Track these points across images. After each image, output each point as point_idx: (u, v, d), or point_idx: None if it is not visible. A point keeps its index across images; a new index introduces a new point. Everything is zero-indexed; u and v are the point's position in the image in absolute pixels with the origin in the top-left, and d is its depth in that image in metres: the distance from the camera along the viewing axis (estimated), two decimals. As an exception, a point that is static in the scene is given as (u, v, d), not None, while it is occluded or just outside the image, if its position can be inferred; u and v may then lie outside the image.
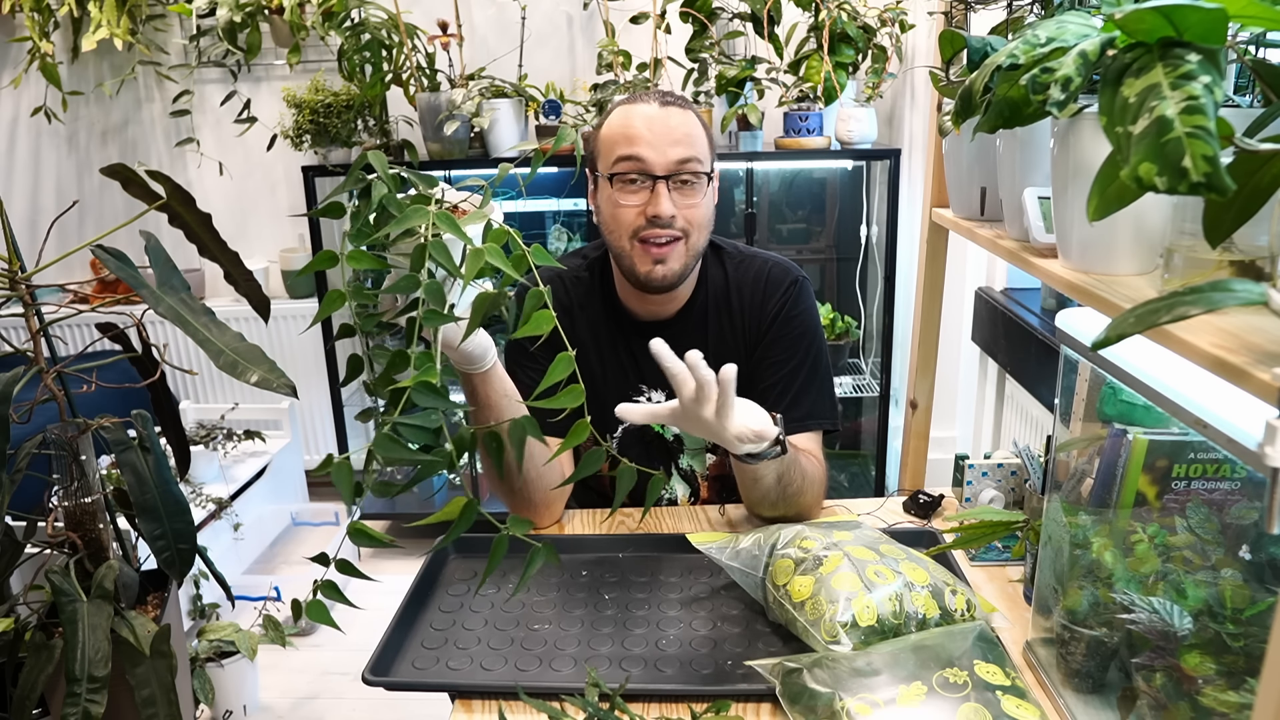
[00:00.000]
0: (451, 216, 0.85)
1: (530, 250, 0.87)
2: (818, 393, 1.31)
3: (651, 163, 1.20)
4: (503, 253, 0.85)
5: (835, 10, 2.24)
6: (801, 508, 1.24)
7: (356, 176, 0.89)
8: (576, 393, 0.85)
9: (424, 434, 0.80)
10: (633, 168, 1.20)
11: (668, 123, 1.21)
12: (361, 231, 0.87)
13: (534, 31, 2.63)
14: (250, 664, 2.01)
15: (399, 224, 0.85)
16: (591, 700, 0.87)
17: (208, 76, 2.80)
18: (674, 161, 1.20)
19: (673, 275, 1.24)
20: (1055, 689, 0.91)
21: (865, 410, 2.83)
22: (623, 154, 1.21)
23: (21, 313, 1.01)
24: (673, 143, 1.20)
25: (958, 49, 0.97)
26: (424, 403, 0.79)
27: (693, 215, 1.23)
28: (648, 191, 1.21)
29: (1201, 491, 0.76)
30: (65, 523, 1.07)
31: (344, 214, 0.89)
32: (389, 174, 0.88)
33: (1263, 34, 0.73)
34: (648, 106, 1.22)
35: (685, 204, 1.22)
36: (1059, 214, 0.87)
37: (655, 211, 1.20)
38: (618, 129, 1.22)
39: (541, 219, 2.79)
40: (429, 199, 0.88)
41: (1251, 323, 0.61)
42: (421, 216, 0.84)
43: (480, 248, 0.84)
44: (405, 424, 0.79)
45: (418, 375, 0.79)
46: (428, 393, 0.79)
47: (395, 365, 0.82)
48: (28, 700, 0.99)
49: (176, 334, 2.81)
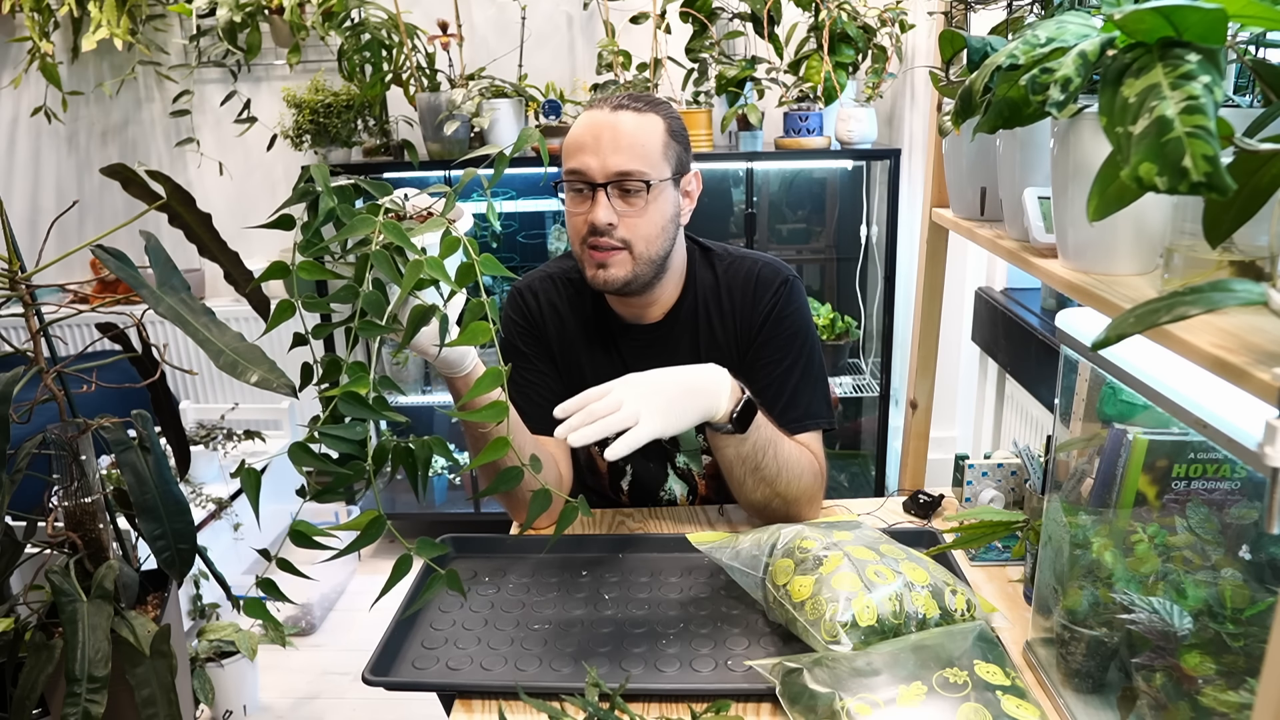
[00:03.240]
0: (398, 226, 0.84)
1: (480, 260, 0.86)
2: (812, 392, 1.31)
3: (592, 171, 1.19)
4: (441, 264, 0.85)
5: (835, 10, 2.24)
6: (787, 497, 1.22)
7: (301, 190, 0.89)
8: (499, 409, 0.86)
9: (346, 444, 0.80)
10: (576, 177, 1.20)
11: (616, 130, 1.19)
12: (310, 242, 0.87)
13: (534, 31, 2.63)
14: (250, 664, 2.01)
15: (345, 233, 0.85)
16: (591, 700, 0.87)
17: (208, 76, 2.80)
18: (614, 171, 1.19)
19: (616, 281, 1.23)
20: (1055, 689, 0.91)
21: (865, 410, 2.83)
22: (570, 164, 1.21)
23: (21, 313, 1.01)
24: (615, 151, 1.18)
25: (958, 49, 0.97)
26: (349, 413, 0.79)
27: (636, 225, 1.21)
28: (590, 200, 1.21)
29: (1201, 491, 0.76)
30: (65, 523, 1.07)
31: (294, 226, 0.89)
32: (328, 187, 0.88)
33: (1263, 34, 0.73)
34: (601, 113, 1.21)
35: (628, 211, 1.21)
36: (1059, 214, 0.87)
37: (591, 219, 1.20)
38: (572, 137, 1.22)
39: (541, 219, 2.79)
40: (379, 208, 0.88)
41: (1251, 323, 0.61)
42: (368, 226, 0.84)
43: (419, 259, 0.83)
44: (328, 434, 0.79)
45: (346, 385, 0.79)
46: (354, 403, 0.79)
47: (330, 374, 0.82)
48: (28, 700, 0.99)
49: (176, 334, 2.81)
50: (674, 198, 1.25)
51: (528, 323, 1.36)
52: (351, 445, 0.80)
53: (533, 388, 1.32)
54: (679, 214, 1.27)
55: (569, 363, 1.36)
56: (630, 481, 1.41)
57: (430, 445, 0.86)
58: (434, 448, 0.87)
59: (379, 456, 0.82)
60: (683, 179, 1.26)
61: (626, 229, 1.21)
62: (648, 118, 1.22)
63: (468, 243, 0.87)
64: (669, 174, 1.23)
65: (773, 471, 1.19)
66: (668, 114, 1.24)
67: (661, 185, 1.21)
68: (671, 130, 1.24)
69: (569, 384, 1.36)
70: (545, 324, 1.35)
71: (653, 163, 1.20)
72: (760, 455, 1.17)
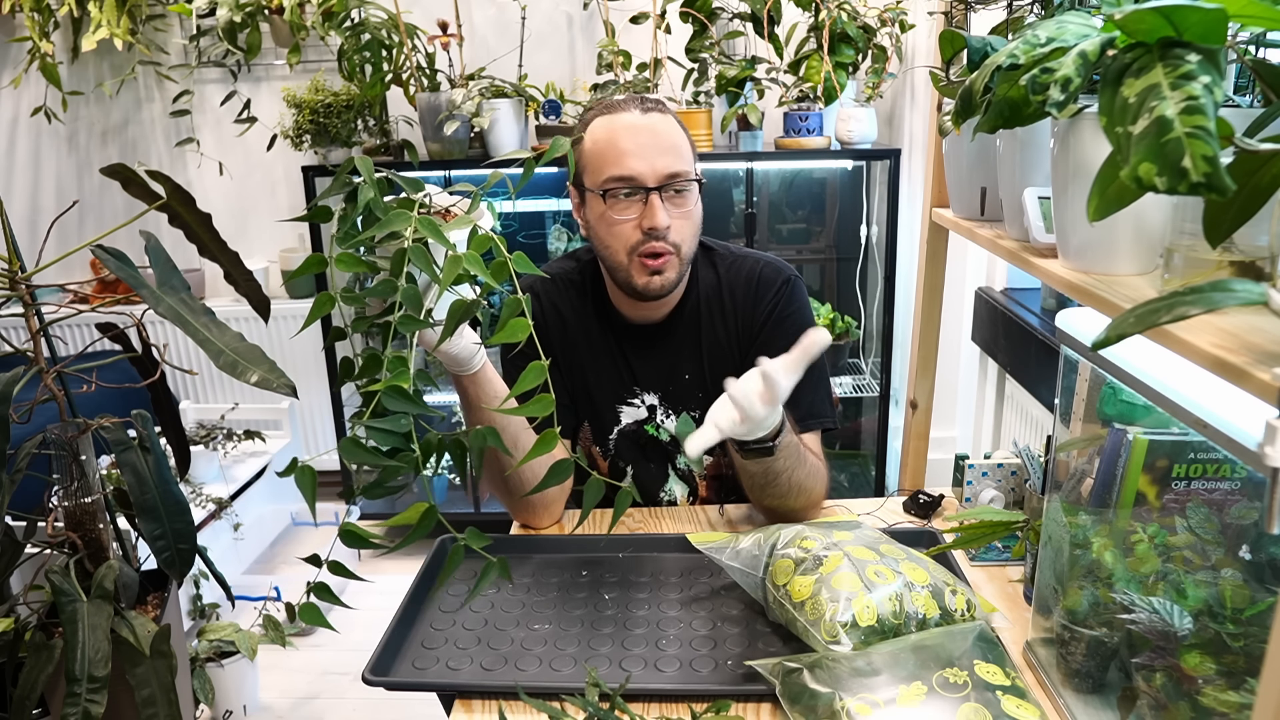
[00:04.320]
0: (434, 221, 0.85)
1: (513, 258, 0.86)
2: (814, 392, 1.31)
3: (643, 176, 1.19)
4: (480, 260, 0.84)
5: (835, 10, 2.24)
6: (797, 507, 1.23)
7: (343, 180, 0.89)
8: (546, 402, 0.84)
9: (392, 438, 0.80)
10: (626, 183, 1.20)
11: (655, 132, 1.20)
12: (349, 235, 0.88)
13: (534, 31, 2.63)
14: (250, 664, 2.01)
15: (382, 227, 0.85)
16: (591, 700, 0.87)
17: (208, 76, 2.80)
18: (664, 174, 1.19)
19: (669, 285, 1.24)
20: (1055, 689, 0.91)
21: (865, 410, 2.83)
22: (614, 171, 1.20)
23: (21, 313, 1.01)
24: (661, 153, 1.19)
25: (958, 49, 0.97)
26: (394, 407, 0.79)
27: (684, 226, 1.22)
28: (641, 204, 1.20)
29: (1201, 491, 0.76)
30: (65, 523, 1.06)
31: (331, 217, 0.90)
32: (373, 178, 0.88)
33: (1263, 34, 0.73)
34: (631, 116, 1.21)
35: (678, 213, 1.21)
36: (1059, 214, 0.87)
37: (652, 224, 1.19)
38: (604, 143, 1.21)
39: (541, 219, 2.79)
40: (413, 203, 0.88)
41: (1251, 323, 0.61)
42: (404, 221, 0.84)
43: (459, 254, 0.83)
44: (374, 427, 0.79)
45: (390, 379, 0.80)
46: (398, 397, 0.79)
47: (369, 369, 0.82)
48: (28, 700, 0.99)
49: (176, 334, 2.81)
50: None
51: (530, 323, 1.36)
52: (397, 439, 0.80)
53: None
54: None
55: (572, 363, 1.36)
56: (631, 482, 1.41)
57: (484, 435, 0.86)
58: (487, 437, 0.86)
59: (427, 449, 0.82)
60: None
61: (676, 231, 1.22)
62: (671, 119, 1.24)
63: (497, 240, 0.87)
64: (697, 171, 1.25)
65: (785, 488, 1.20)
66: (674, 114, 1.26)
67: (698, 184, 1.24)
68: (685, 128, 1.26)
69: (572, 385, 1.36)
70: (548, 325, 1.35)
71: (690, 162, 1.23)
72: (777, 475, 1.18)
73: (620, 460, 1.39)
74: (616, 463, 1.40)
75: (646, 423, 1.37)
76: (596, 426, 1.38)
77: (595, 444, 1.39)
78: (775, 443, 1.12)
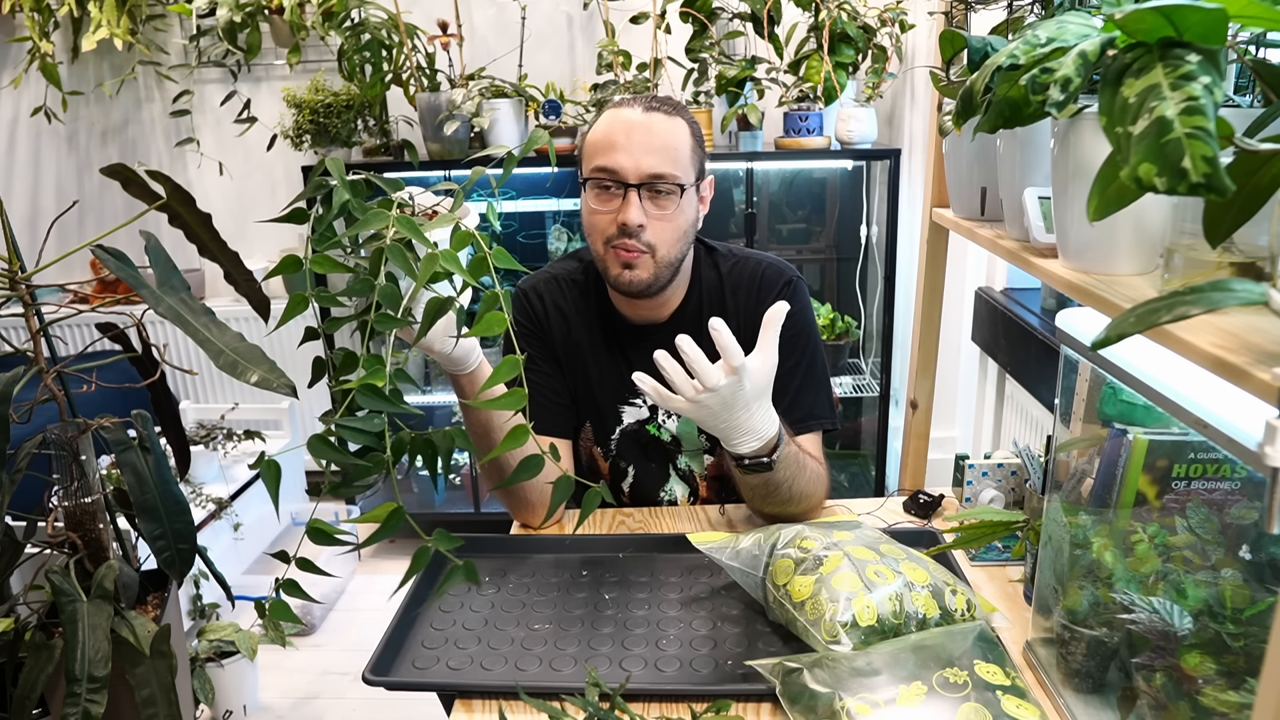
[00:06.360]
0: (412, 220, 0.85)
1: (493, 253, 0.86)
2: (815, 393, 1.31)
3: (625, 171, 1.19)
4: (457, 258, 0.85)
5: (835, 10, 2.24)
6: (811, 507, 1.24)
7: (317, 183, 0.89)
8: (519, 396, 0.84)
9: (364, 436, 0.80)
10: (607, 175, 1.20)
11: (649, 131, 1.20)
12: (324, 236, 0.88)
13: (534, 31, 2.63)
14: (250, 664, 2.01)
15: (360, 227, 0.85)
16: (591, 700, 0.87)
17: (208, 76, 2.80)
18: (647, 173, 1.19)
19: (640, 283, 1.24)
20: (1055, 689, 0.91)
21: (865, 410, 2.83)
22: (599, 162, 1.20)
23: (21, 313, 1.01)
24: (649, 152, 1.19)
25: (958, 49, 0.97)
26: (367, 405, 0.79)
27: (662, 229, 1.22)
28: (620, 199, 1.21)
29: (1201, 491, 0.76)
30: (65, 523, 1.06)
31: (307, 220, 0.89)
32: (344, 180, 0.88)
33: (1263, 34, 0.73)
34: (632, 112, 1.22)
35: (657, 214, 1.21)
36: (1059, 214, 0.87)
37: (623, 219, 1.19)
38: (600, 135, 1.22)
39: (541, 219, 2.79)
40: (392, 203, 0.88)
41: (1251, 323, 0.61)
42: (382, 220, 0.84)
43: (434, 252, 0.83)
44: (346, 426, 0.79)
45: (364, 377, 0.80)
46: (371, 395, 0.79)
47: (346, 367, 0.82)
48: (28, 700, 0.99)
49: (176, 334, 2.81)
50: (695, 203, 1.26)
51: (532, 324, 1.36)
52: (369, 438, 0.80)
53: (537, 389, 1.32)
54: (698, 219, 1.28)
55: (574, 364, 1.36)
56: (631, 483, 1.41)
57: (452, 436, 0.86)
58: (455, 439, 0.86)
59: (398, 449, 0.82)
60: (701, 184, 1.27)
61: (653, 233, 1.21)
62: (676, 121, 1.23)
63: (479, 237, 0.87)
64: (694, 179, 1.24)
65: (786, 497, 1.20)
66: (690, 119, 1.26)
67: (689, 190, 1.23)
68: (695, 135, 1.25)
69: (574, 385, 1.36)
70: (550, 325, 1.35)
71: (682, 167, 1.21)
72: (778, 486, 1.18)
73: (621, 460, 1.39)
74: (618, 463, 1.40)
75: (648, 423, 1.37)
76: (598, 427, 1.38)
77: (597, 444, 1.39)
78: (773, 457, 1.12)
